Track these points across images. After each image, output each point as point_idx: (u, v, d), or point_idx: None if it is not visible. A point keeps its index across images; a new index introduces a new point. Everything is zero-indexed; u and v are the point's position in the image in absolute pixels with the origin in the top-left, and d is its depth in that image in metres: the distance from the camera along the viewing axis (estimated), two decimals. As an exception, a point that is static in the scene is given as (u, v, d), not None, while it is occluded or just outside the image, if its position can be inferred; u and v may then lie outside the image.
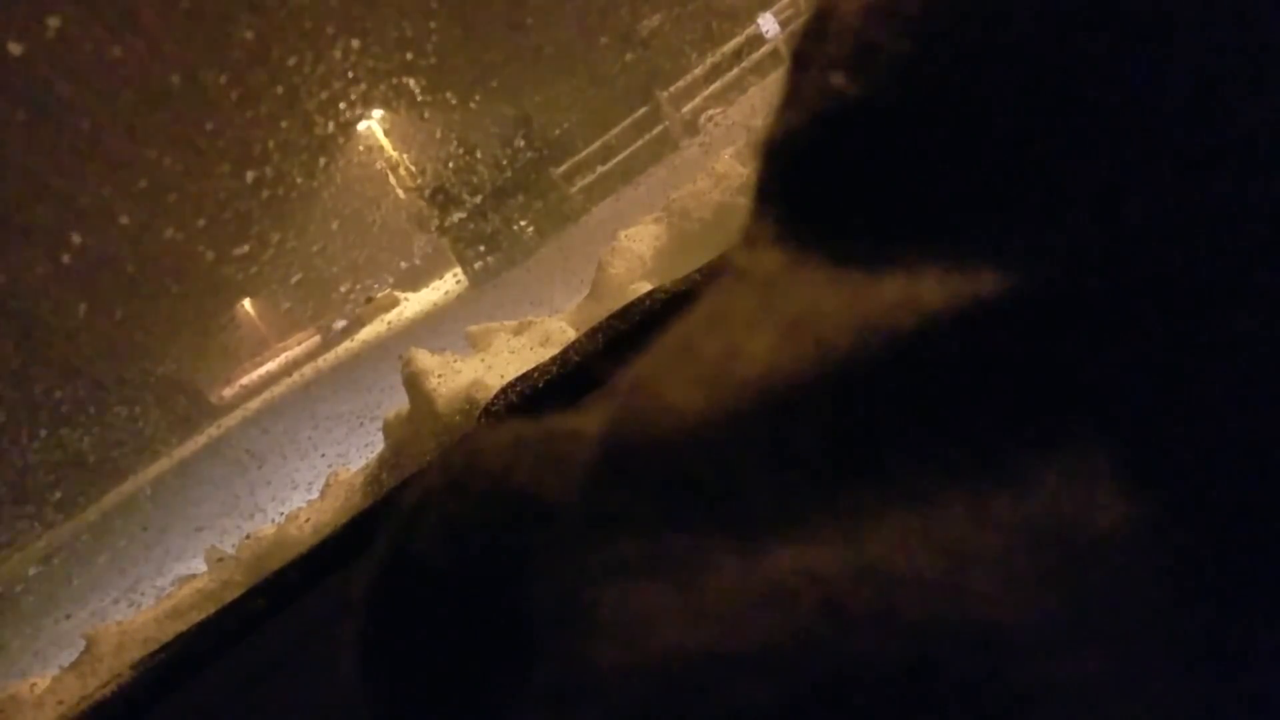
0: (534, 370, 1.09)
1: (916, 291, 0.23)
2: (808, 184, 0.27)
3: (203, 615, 1.07)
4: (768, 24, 12.84)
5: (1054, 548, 0.20)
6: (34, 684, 4.32)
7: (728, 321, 0.25)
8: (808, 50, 0.29)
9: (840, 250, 0.25)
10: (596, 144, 13.92)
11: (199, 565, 5.40)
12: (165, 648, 1.04)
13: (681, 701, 0.20)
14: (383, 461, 3.70)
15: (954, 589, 0.19)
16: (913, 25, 0.26)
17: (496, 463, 0.29)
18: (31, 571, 11.52)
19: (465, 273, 14.89)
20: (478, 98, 14.89)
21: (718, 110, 12.73)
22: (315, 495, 4.67)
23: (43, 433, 15.25)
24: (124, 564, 8.49)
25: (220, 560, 4.79)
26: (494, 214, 14.41)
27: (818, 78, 0.28)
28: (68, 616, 7.49)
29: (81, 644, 4.87)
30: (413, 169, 16.48)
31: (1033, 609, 0.19)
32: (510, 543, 0.27)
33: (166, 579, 6.01)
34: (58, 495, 15.14)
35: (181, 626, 1.12)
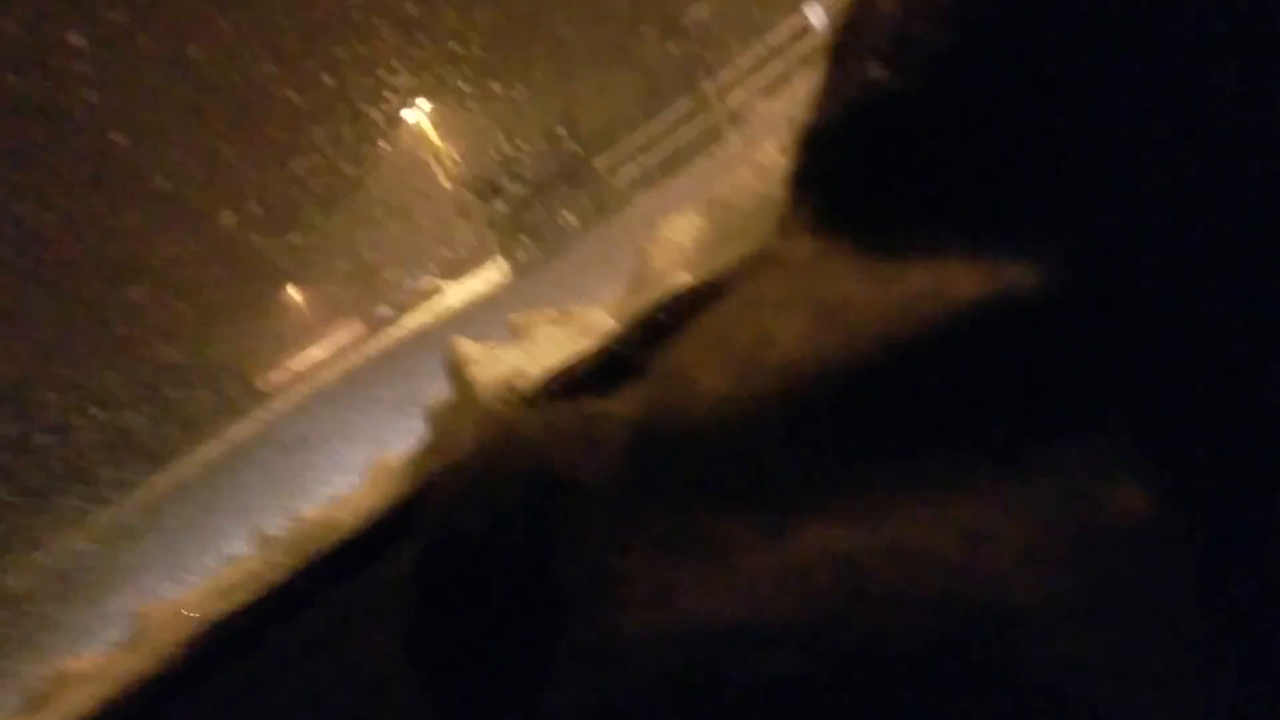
0: (575, 359, 1.10)
1: (945, 282, 0.23)
2: (843, 173, 0.28)
3: (250, 595, 1.10)
4: (814, 15, 12.71)
5: (1071, 532, 0.20)
6: (86, 660, 4.46)
7: (760, 308, 0.25)
8: (847, 42, 0.29)
9: (871, 239, 0.25)
10: (640, 134, 13.91)
11: (246, 546, 5.52)
12: (214, 626, 1.07)
13: (705, 669, 0.20)
14: (426, 447, 3.74)
15: (973, 569, 0.20)
16: (949, 18, 0.26)
17: (533, 445, 0.30)
18: (84, 550, 11.87)
19: (508, 262, 14.99)
20: (522, 88, 14.96)
21: (762, 101, 12.64)
22: (359, 480, 4.74)
23: (93, 413, 15.70)
24: (173, 544, 8.70)
25: (267, 542, 4.89)
26: (537, 204, 14.48)
27: (856, 69, 0.28)
28: (119, 594, 7.70)
29: (133, 621, 5.00)
30: (457, 159, 16.63)
31: (1048, 590, 0.19)
32: (546, 519, 0.28)
33: (214, 559, 6.14)
34: (109, 475, 15.58)
35: (229, 606, 1.15)
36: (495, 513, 0.30)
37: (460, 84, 15.59)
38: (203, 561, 6.46)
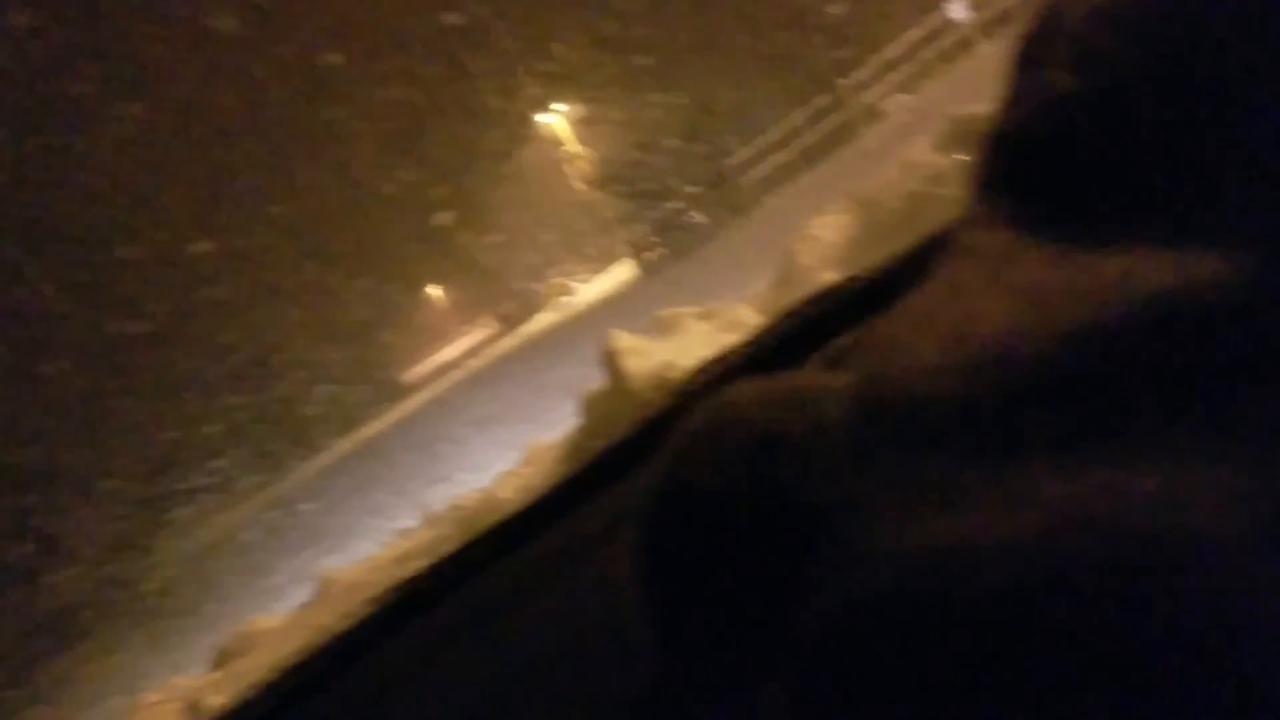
0: (729, 351, 1.14)
1: (1136, 271, 0.26)
2: (1033, 172, 0.31)
3: (425, 562, 1.17)
4: (957, 10, 12.26)
5: (1250, 478, 0.24)
6: (272, 619, 4.85)
7: (964, 293, 0.30)
8: (1034, 51, 0.33)
9: (1062, 232, 0.29)
10: (775, 132, 13.78)
11: (413, 521, 5.87)
12: (392, 591, 1.15)
13: (941, 576, 0.25)
14: (581, 432, 3.92)
15: (1171, 505, 0.23)
16: (1135, 29, 0.29)
17: (747, 410, 0.36)
18: (272, 517, 12.86)
19: (643, 260, 15.19)
20: (658, 89, 15.10)
21: (903, 97, 12.29)
22: (516, 462, 5.00)
23: (321, 388, 17.29)
24: (352, 514, 9.28)
25: (433, 517, 5.22)
26: (672, 203, 14.61)
27: (1044, 76, 0.31)
28: (300, 561, 8.28)
29: (315, 585, 5.40)
30: (594, 159, 16.97)
31: (1236, 523, 0.23)
32: (766, 472, 0.34)
33: (386, 533, 6.48)
34: (300, 447, 17.09)
35: (404, 572, 1.23)
36: (720, 466, 0.36)
37: (598, 86, 15.91)
38: (377, 534, 6.80)
